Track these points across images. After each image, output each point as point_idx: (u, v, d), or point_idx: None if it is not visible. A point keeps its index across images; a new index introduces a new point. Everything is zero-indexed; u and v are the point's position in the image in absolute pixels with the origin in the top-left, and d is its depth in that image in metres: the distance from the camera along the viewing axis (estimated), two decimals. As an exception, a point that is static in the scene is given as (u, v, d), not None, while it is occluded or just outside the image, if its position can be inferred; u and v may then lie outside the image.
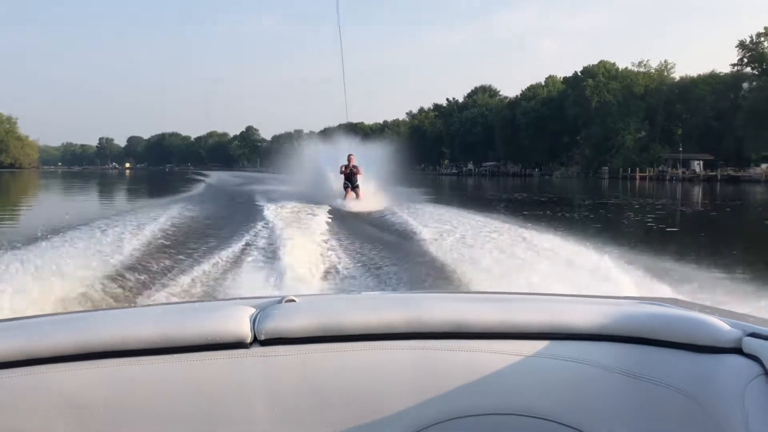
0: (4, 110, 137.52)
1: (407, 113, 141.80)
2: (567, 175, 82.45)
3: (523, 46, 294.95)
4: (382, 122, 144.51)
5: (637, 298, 1.47)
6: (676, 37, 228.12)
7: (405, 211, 13.48)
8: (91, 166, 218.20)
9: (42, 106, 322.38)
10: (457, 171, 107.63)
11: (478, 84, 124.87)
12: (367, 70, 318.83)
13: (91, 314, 1.43)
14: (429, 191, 18.87)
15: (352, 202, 17.39)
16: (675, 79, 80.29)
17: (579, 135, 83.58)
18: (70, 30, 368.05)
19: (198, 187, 35.16)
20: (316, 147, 26.73)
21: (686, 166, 69.22)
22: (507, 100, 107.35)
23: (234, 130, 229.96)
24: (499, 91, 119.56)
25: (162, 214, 12.72)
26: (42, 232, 8.23)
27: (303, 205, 15.39)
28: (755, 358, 1.03)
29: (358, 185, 18.63)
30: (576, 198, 34.52)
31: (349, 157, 18.99)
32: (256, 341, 1.16)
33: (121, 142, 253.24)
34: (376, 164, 20.73)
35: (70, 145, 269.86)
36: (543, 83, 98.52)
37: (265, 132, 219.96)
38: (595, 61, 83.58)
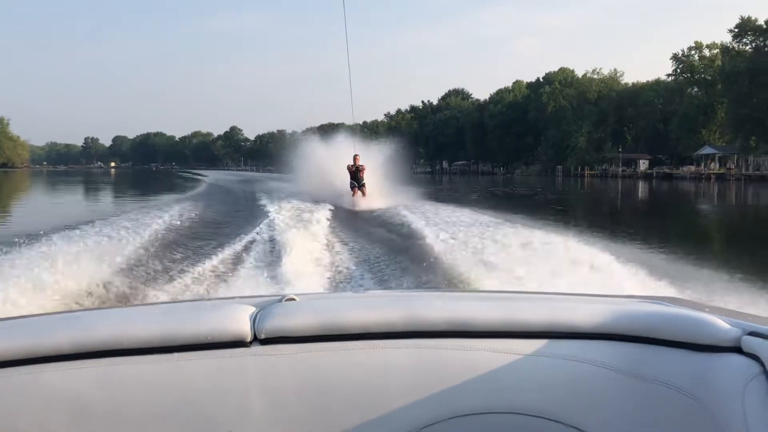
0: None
1: (385, 115, 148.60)
2: (527, 174, 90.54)
3: (498, 46, 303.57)
4: (362, 123, 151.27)
5: (637, 297, 1.48)
6: (641, 43, 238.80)
7: (407, 210, 13.86)
8: (77, 165, 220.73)
9: (25, 105, 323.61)
10: (430, 170, 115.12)
11: (452, 87, 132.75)
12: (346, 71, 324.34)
13: (90, 313, 1.45)
14: (418, 188, 21.56)
15: (360, 200, 17.81)
16: (627, 84, 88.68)
17: (540, 137, 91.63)
18: (52, 27, 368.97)
19: (200, 187, 37.34)
20: (314, 145, 27.15)
21: (634, 165, 77.31)
22: (477, 103, 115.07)
23: (218, 130, 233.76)
24: (471, 94, 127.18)
25: (164, 213, 12.99)
26: (42, 232, 8.27)
27: (305, 203, 15.69)
28: (755, 357, 1.03)
29: (364, 183, 18.92)
30: (517, 190, 43.31)
31: (355, 157, 19.25)
32: (256, 340, 1.15)
33: (107, 141, 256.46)
34: (371, 163, 21.00)
35: (55, 144, 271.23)
36: (510, 87, 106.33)
37: (249, 132, 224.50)
38: (563, 64, 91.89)
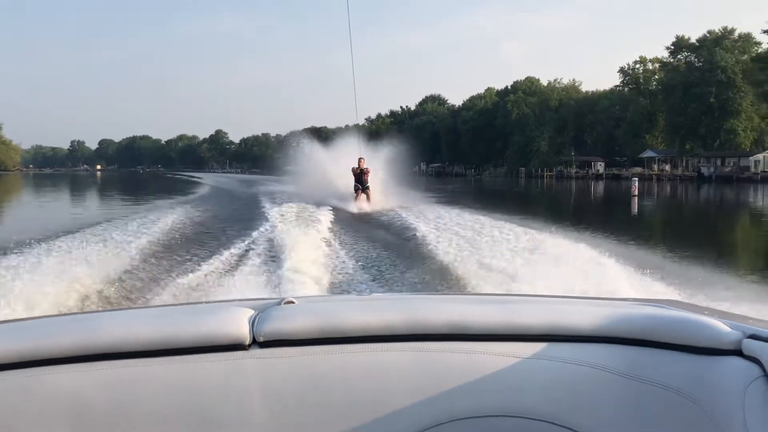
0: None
1: (366, 119, 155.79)
2: (495, 175, 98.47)
3: (480, 50, 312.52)
4: (344, 126, 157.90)
5: (637, 300, 1.49)
6: (607, 52, 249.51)
7: (407, 212, 14.08)
8: (63, 168, 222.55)
9: (9, 108, 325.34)
10: (409, 171, 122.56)
11: (430, 93, 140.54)
12: (330, 73, 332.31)
13: (90, 315, 1.46)
14: (409, 189, 22.27)
15: (363, 204, 17.81)
16: (587, 93, 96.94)
17: (508, 141, 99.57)
18: (36, 30, 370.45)
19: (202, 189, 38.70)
20: (315, 147, 27.44)
21: (588, 167, 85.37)
22: (452, 109, 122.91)
23: (203, 133, 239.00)
24: (447, 100, 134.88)
25: (165, 216, 13.14)
26: (40, 236, 8.24)
27: (305, 205, 15.88)
28: (755, 360, 1.03)
29: (368, 186, 18.94)
30: (480, 188, 51.83)
31: (360, 160, 19.26)
32: (255, 343, 1.16)
33: (93, 145, 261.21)
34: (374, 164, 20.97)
35: (40, 147, 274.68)
36: (482, 94, 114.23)
37: (234, 135, 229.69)
38: (538, 70, 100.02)
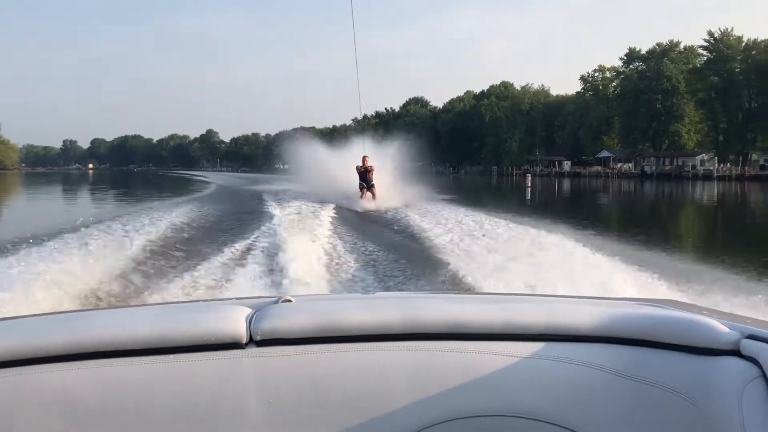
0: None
1: (353, 119, 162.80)
2: (470, 173, 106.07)
3: (466, 51, 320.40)
4: (331, 127, 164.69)
5: (636, 300, 1.50)
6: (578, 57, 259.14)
7: (409, 209, 14.19)
8: (55, 167, 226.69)
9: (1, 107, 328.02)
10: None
11: (413, 95, 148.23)
12: (319, 73, 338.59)
13: (86, 314, 1.45)
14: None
15: (368, 203, 17.87)
16: (556, 96, 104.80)
17: (483, 142, 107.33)
18: (26, 28, 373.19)
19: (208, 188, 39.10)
20: (316, 147, 27.38)
21: (551, 165, 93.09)
22: (433, 111, 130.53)
23: (194, 132, 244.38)
24: (429, 102, 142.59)
25: (163, 214, 13.05)
26: (36, 235, 8.26)
27: (307, 203, 15.98)
28: (753, 360, 1.03)
29: (373, 185, 19.02)
30: (452, 183, 58.67)
31: (364, 159, 19.38)
32: (252, 341, 1.15)
33: (85, 144, 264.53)
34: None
35: (32, 146, 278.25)
36: (461, 97, 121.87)
37: (224, 135, 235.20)
38: (517, 72, 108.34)
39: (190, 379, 1.13)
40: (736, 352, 1.07)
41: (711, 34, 70.94)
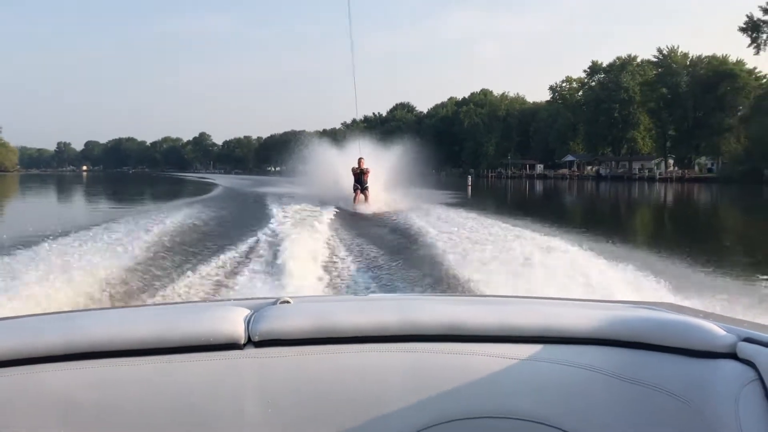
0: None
1: (342, 123, 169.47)
2: (450, 175, 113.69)
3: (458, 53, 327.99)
4: (322, 130, 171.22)
5: (633, 303, 1.50)
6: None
7: (406, 212, 14.67)
8: (49, 169, 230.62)
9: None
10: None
11: (399, 100, 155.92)
12: (307, 78, 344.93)
13: (84, 314, 1.44)
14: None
15: (361, 205, 17.88)
16: (532, 103, 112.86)
17: (463, 146, 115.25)
18: (20, 30, 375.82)
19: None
20: (321, 149, 27.86)
21: (524, 168, 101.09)
22: (418, 116, 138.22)
23: (187, 135, 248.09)
24: (415, 107, 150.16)
25: (163, 215, 13.30)
26: (37, 235, 8.30)
27: (305, 204, 16.30)
28: (750, 363, 1.03)
29: (367, 187, 18.98)
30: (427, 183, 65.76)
31: (359, 160, 19.44)
32: (250, 342, 1.15)
33: (79, 146, 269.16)
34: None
35: (26, 148, 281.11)
36: (444, 103, 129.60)
37: (217, 137, 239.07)
38: (501, 79, 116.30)
39: (188, 379, 1.13)
40: (733, 355, 1.07)
41: (660, 51, 79.17)
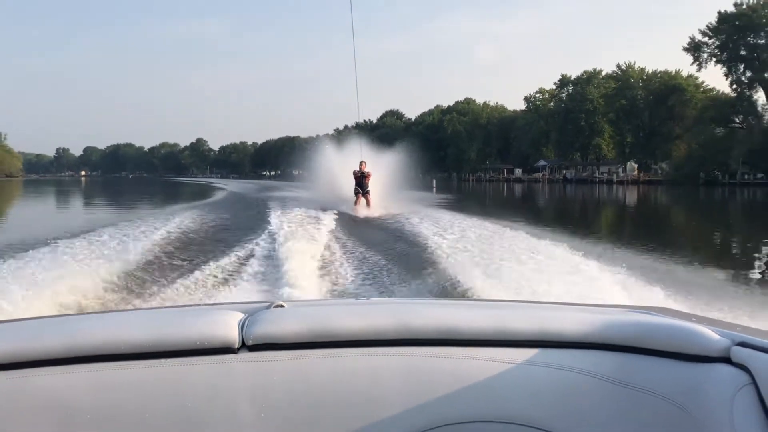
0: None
1: (335, 130, 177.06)
2: (437, 179, 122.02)
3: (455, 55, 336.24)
4: (315, 136, 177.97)
5: (627, 307, 1.50)
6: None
7: (402, 215, 14.82)
8: (48, 174, 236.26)
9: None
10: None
11: (389, 107, 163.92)
12: (302, 81, 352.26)
13: (79, 317, 1.44)
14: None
15: (362, 209, 17.95)
16: (512, 111, 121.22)
17: (447, 151, 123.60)
18: (18, 35, 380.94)
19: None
20: (327, 152, 28.02)
21: (502, 172, 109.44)
22: (406, 123, 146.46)
23: (184, 141, 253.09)
24: (404, 114, 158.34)
25: (164, 219, 13.35)
26: (33, 239, 8.30)
27: (304, 209, 16.33)
28: (744, 368, 1.04)
29: (368, 191, 19.04)
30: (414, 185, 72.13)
31: (361, 164, 19.52)
32: (244, 346, 1.15)
33: (78, 152, 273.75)
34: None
35: (25, 154, 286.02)
36: (431, 110, 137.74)
37: (213, 143, 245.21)
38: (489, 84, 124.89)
39: (183, 383, 1.13)
40: (727, 360, 1.08)
41: (619, 66, 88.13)
